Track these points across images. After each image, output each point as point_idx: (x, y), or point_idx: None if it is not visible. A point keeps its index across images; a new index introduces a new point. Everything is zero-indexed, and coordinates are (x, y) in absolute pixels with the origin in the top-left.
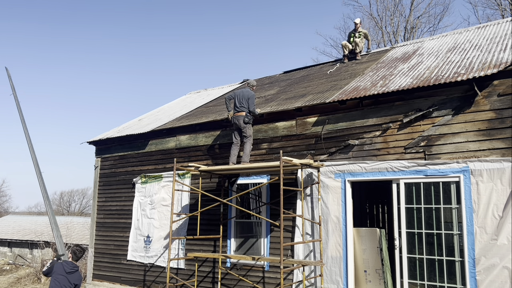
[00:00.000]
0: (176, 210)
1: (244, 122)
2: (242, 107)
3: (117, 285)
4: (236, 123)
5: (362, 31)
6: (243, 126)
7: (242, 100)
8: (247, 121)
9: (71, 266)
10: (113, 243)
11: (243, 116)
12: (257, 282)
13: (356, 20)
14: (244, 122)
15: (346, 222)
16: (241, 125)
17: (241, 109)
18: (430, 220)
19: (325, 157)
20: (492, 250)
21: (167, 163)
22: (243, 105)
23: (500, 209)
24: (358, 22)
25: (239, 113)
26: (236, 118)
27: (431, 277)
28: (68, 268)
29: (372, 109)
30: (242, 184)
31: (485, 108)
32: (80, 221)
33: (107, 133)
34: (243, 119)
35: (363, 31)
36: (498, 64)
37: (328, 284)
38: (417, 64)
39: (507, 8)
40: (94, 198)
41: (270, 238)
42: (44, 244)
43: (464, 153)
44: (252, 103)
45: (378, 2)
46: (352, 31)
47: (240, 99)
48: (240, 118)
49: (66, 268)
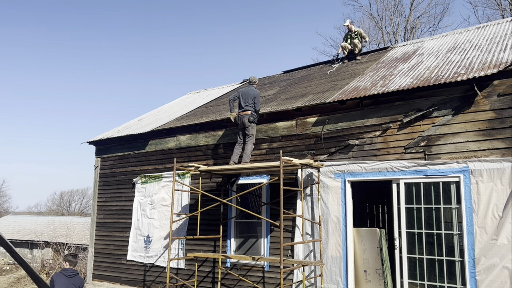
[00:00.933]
0: (176, 210)
1: (249, 120)
2: (248, 106)
3: (117, 285)
4: (241, 122)
5: (356, 30)
6: (247, 124)
7: (247, 99)
8: (252, 119)
9: (70, 271)
10: (113, 243)
11: (248, 115)
12: (257, 282)
13: (346, 22)
14: (249, 121)
15: (346, 222)
16: (245, 123)
17: (246, 108)
18: (430, 220)
19: (325, 157)
20: (492, 250)
21: (167, 163)
22: (249, 104)
23: (500, 209)
24: (348, 24)
25: (245, 112)
26: (241, 117)
27: (431, 277)
28: (68, 273)
29: (372, 109)
30: (242, 184)
31: (485, 108)
32: (80, 221)
33: (107, 133)
34: (248, 118)
35: (358, 30)
36: (498, 64)
37: (328, 284)
38: (417, 64)
39: (507, 8)
40: (94, 198)
41: (270, 238)
42: (44, 244)
43: (464, 153)
44: (259, 101)
45: (378, 2)
46: (347, 33)
47: (246, 98)
48: (245, 117)
49: (66, 273)
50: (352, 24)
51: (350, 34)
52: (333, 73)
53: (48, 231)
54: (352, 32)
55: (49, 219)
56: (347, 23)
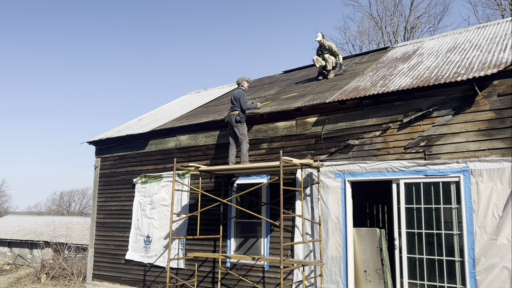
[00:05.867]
0: (176, 210)
1: (235, 121)
2: (235, 106)
3: (117, 285)
4: (229, 121)
5: (326, 45)
6: (234, 125)
7: (234, 100)
8: (238, 119)
9: None
10: (113, 243)
11: (235, 115)
12: (257, 282)
13: (318, 37)
14: (235, 121)
15: (346, 222)
16: (233, 123)
17: (234, 108)
18: (430, 220)
19: (325, 157)
20: (492, 250)
21: (167, 163)
22: (236, 105)
23: (500, 209)
24: (320, 38)
25: (232, 112)
26: (229, 117)
27: (431, 277)
28: None
29: (372, 109)
30: (242, 184)
31: (485, 108)
32: (80, 221)
33: (107, 133)
34: (235, 118)
35: (327, 44)
36: (498, 64)
37: (328, 284)
38: (417, 64)
39: (507, 8)
40: (94, 198)
41: (270, 238)
42: (44, 244)
43: (464, 153)
44: (244, 100)
45: (378, 2)
46: (318, 48)
47: (233, 99)
48: (232, 117)
49: None
50: (324, 39)
51: (322, 50)
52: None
53: (48, 231)
54: (324, 47)
55: (49, 219)
56: (319, 37)
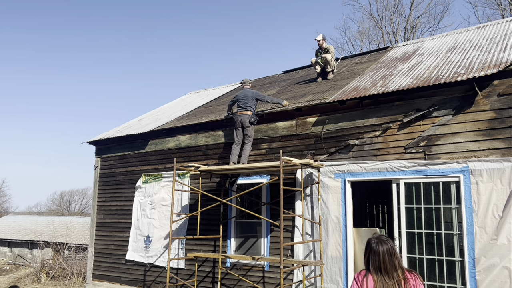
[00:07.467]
0: (176, 210)
1: (249, 122)
2: (248, 106)
3: (117, 285)
4: (241, 121)
5: (327, 47)
6: (247, 125)
7: (247, 100)
8: (252, 121)
9: None
10: (113, 243)
11: (249, 115)
12: (257, 282)
13: (318, 37)
14: (249, 122)
15: (346, 222)
16: (245, 124)
17: (247, 108)
18: (430, 220)
19: (325, 157)
20: (492, 250)
21: (167, 163)
22: (250, 105)
23: (500, 209)
24: (319, 39)
25: (246, 111)
26: (241, 116)
27: (431, 277)
28: None
29: (372, 109)
30: (242, 184)
31: (485, 108)
32: (80, 221)
33: (107, 133)
34: (249, 119)
35: (328, 47)
36: (498, 64)
37: (328, 284)
38: (417, 64)
39: (507, 8)
40: (94, 198)
41: (270, 238)
42: (44, 244)
43: (464, 153)
44: (263, 96)
45: (378, 2)
46: (317, 50)
47: (245, 99)
48: (246, 117)
49: None
50: (324, 40)
51: (320, 51)
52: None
53: (48, 231)
54: (322, 49)
55: (49, 219)
56: (319, 37)
